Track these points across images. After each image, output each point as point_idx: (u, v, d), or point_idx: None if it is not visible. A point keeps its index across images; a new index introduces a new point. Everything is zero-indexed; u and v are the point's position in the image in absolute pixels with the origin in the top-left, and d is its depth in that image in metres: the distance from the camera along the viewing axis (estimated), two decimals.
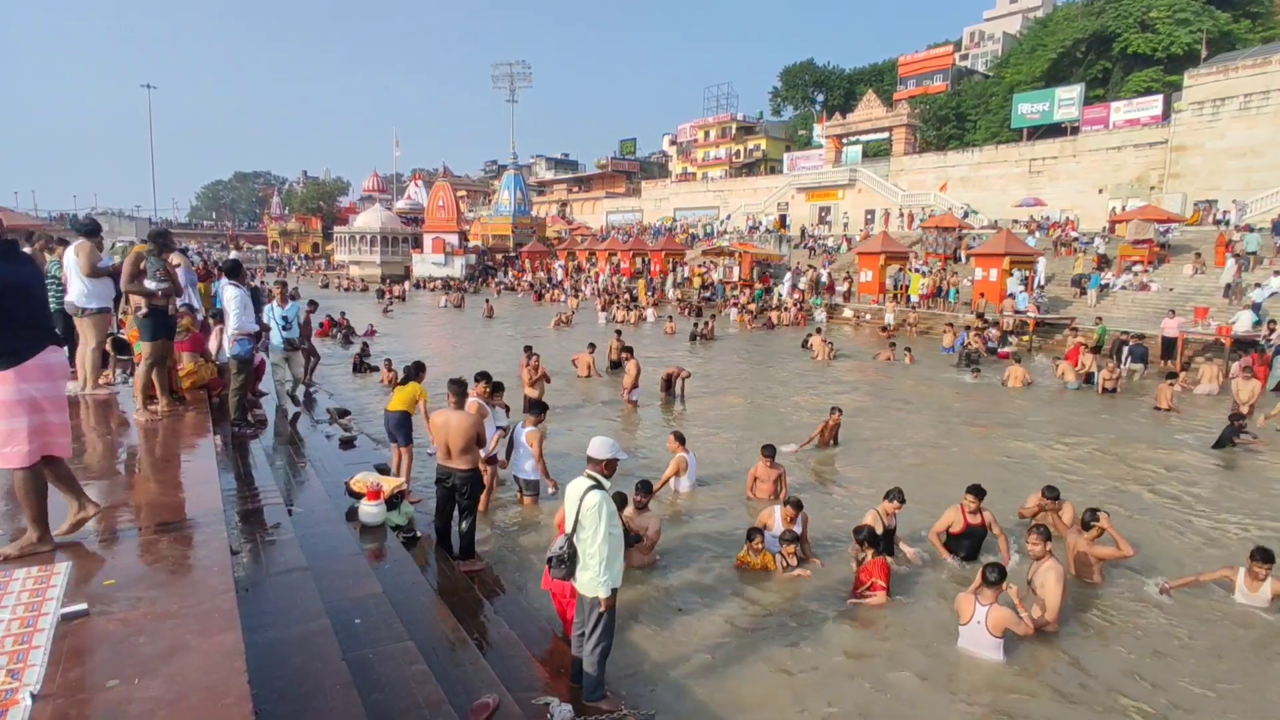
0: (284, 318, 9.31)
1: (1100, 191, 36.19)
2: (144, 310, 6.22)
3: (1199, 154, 32.20)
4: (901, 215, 42.14)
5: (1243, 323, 17.96)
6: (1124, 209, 31.75)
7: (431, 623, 4.74)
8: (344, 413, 10.91)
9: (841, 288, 30.22)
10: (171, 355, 7.00)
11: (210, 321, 8.59)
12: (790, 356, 20.11)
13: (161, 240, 6.51)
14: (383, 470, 7.53)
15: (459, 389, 6.32)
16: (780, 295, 30.96)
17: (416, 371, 8.09)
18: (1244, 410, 13.34)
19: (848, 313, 28.27)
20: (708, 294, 34.26)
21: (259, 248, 75.80)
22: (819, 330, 21.48)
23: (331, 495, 6.67)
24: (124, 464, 5.14)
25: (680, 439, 8.81)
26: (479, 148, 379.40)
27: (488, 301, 32.64)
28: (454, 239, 51.25)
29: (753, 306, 29.37)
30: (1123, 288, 23.75)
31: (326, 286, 47.02)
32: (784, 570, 6.38)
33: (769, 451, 8.35)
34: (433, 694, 3.66)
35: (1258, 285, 20.37)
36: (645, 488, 6.67)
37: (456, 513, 6.09)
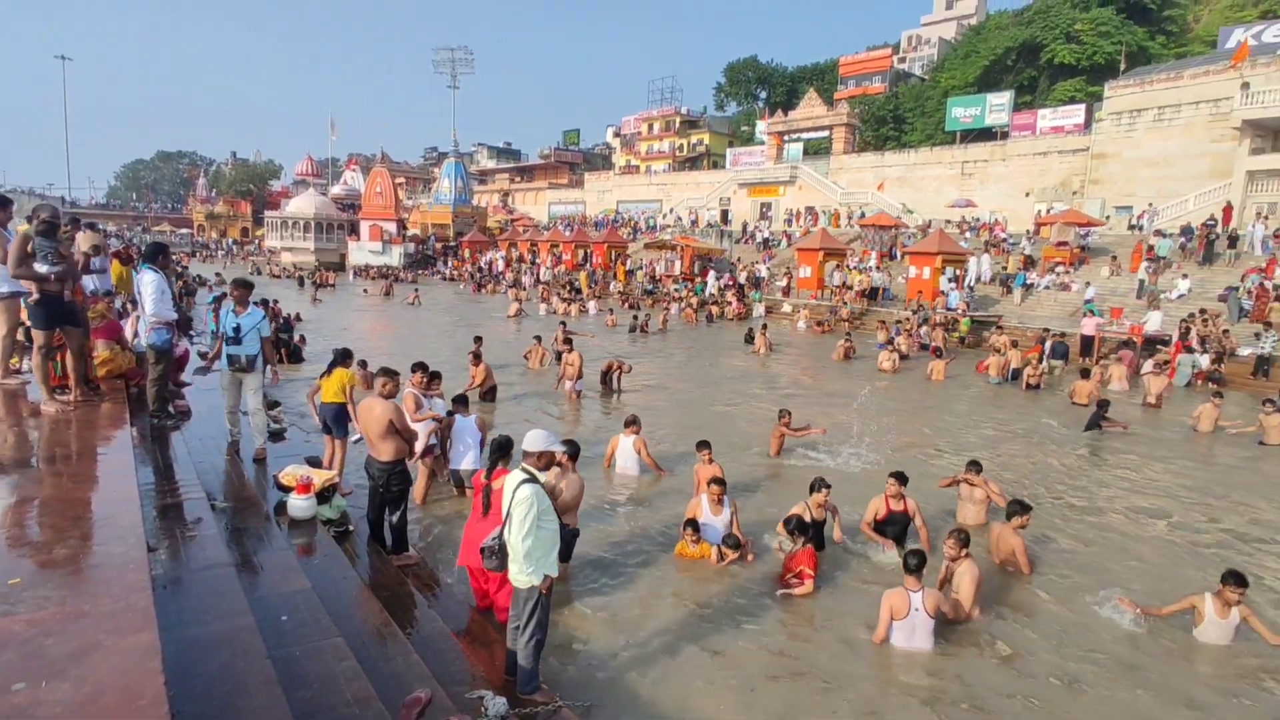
0: (234, 328, 6.79)
1: (1027, 195, 37.70)
2: (35, 296, 5.84)
3: (1117, 162, 33.88)
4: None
5: (1153, 322, 19.06)
6: (1049, 212, 33.19)
7: (362, 618, 4.67)
8: (273, 404, 10.58)
9: (780, 283, 30.76)
10: (86, 343, 6.68)
11: (128, 307, 8.21)
12: (731, 350, 20.38)
13: (50, 220, 6.13)
14: (313, 463, 7.34)
15: (390, 376, 6.19)
16: (722, 288, 31.27)
17: (343, 358, 7.93)
18: (1154, 403, 14.27)
19: (787, 307, 28.80)
20: (649, 287, 34.40)
21: (184, 230, 72.60)
22: (764, 326, 21.91)
23: (259, 489, 6.49)
24: (34, 457, 4.88)
25: (627, 422, 9.02)
26: (419, 134, 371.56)
27: (415, 291, 32.25)
28: (392, 227, 50.15)
29: (694, 300, 29.65)
30: (1046, 287, 24.88)
31: (258, 273, 45.38)
32: (719, 560, 6.49)
33: (705, 445, 8.03)
34: (362, 690, 3.61)
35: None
36: (571, 450, 6.49)
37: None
